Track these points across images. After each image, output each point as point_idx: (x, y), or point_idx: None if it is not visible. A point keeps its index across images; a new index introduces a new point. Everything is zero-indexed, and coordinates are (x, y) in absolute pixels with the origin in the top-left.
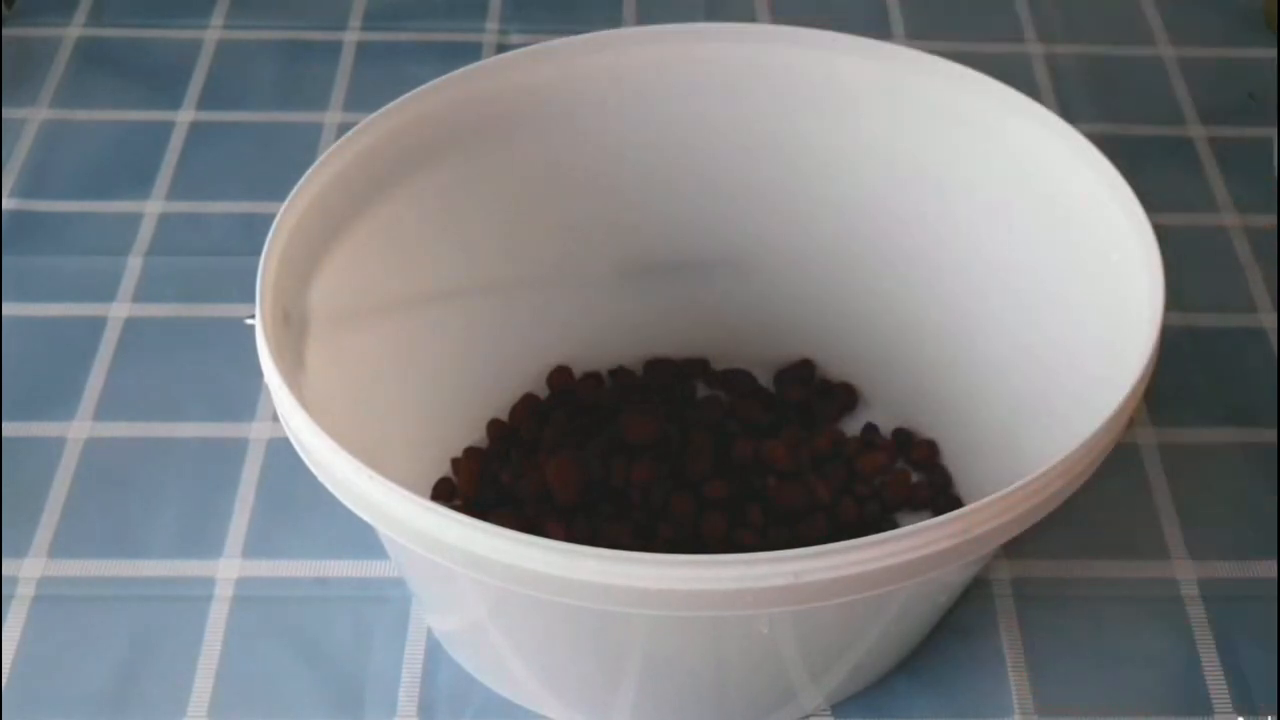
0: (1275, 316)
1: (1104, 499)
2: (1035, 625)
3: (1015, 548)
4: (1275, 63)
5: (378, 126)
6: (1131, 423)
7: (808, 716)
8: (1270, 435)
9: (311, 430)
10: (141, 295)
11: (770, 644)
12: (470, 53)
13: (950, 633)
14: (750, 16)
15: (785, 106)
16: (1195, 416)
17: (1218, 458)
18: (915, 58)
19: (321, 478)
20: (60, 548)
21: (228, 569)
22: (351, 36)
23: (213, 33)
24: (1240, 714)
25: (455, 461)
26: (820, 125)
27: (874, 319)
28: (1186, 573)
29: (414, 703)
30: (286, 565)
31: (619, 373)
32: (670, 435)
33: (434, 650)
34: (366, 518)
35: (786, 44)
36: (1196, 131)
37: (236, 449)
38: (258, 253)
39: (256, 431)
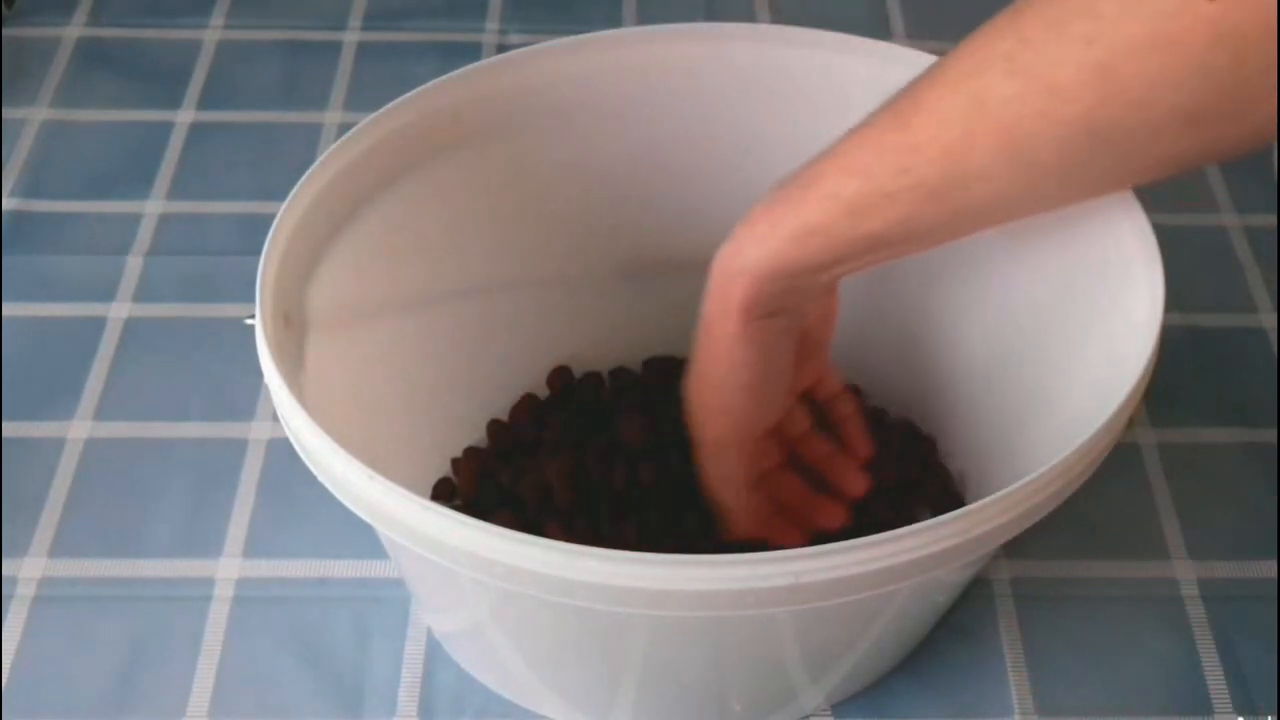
0: (1275, 316)
1: (1104, 499)
2: (1035, 625)
3: (1015, 548)
4: None
5: (378, 126)
6: (1131, 423)
7: (808, 716)
8: (1270, 435)
9: (311, 430)
10: (141, 295)
11: (771, 644)
12: (470, 53)
13: (950, 633)
14: (750, 16)
15: (784, 106)
16: (1195, 416)
17: (1218, 458)
18: (915, 58)
19: (321, 478)
20: (60, 548)
21: (228, 569)
22: (351, 36)
23: (213, 33)
24: (1240, 714)
25: (455, 461)
26: (820, 125)
27: (873, 318)
28: (1186, 573)
29: (414, 703)
30: (286, 565)
31: (619, 373)
32: (670, 435)
33: (434, 650)
34: (366, 518)
35: (785, 44)
36: None
37: (236, 449)
38: (258, 253)
39: (256, 431)
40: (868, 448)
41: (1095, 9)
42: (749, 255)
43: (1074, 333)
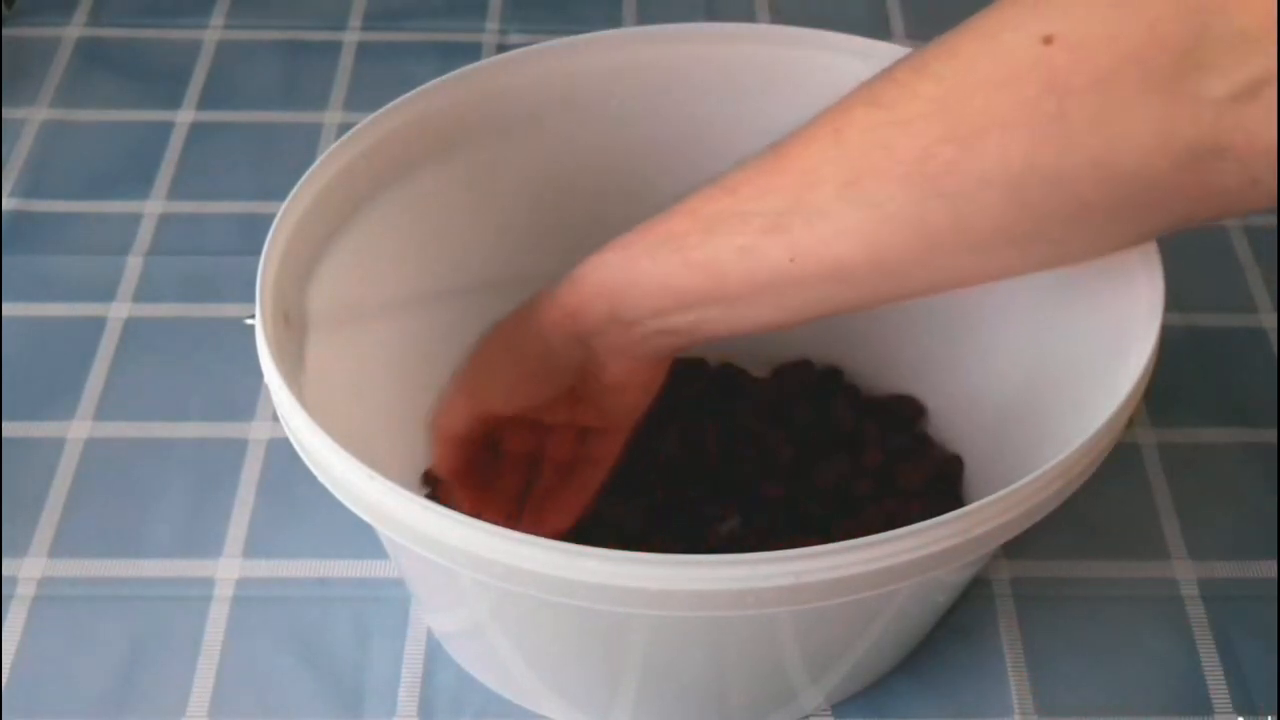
0: (1275, 316)
1: (1104, 499)
2: (1035, 625)
3: (1015, 548)
4: None
5: (378, 126)
6: (1131, 423)
7: (808, 716)
8: (1270, 435)
9: (311, 430)
10: (141, 295)
11: (771, 644)
12: (470, 53)
13: (950, 633)
14: (750, 16)
15: (784, 106)
16: (1195, 416)
17: (1218, 458)
18: None
19: (321, 478)
20: (60, 548)
21: (228, 569)
22: (351, 36)
23: (213, 33)
24: (1240, 714)
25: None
26: None
27: (872, 318)
28: (1186, 573)
29: (414, 703)
30: (286, 565)
31: None
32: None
33: (434, 650)
34: (366, 518)
35: (785, 44)
36: None
37: (236, 449)
38: (258, 253)
39: (256, 431)
40: (564, 521)
41: (955, 49)
42: (605, 259)
43: (1074, 332)
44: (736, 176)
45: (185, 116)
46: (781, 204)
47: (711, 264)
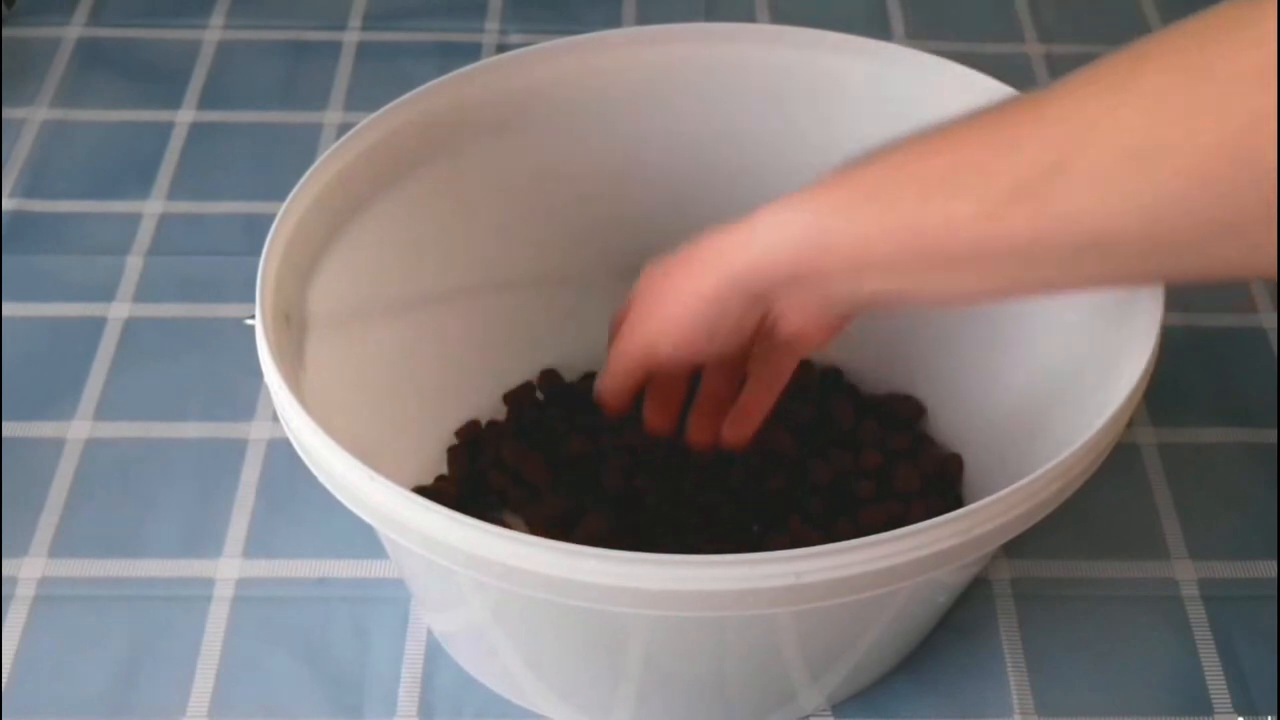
0: (1275, 316)
1: (1104, 499)
2: (1035, 625)
3: (1015, 548)
4: None
5: (378, 126)
6: (1131, 423)
7: (808, 716)
8: (1270, 435)
9: (311, 430)
10: (141, 295)
11: (771, 644)
12: (470, 53)
13: (950, 633)
14: (750, 16)
15: (784, 106)
16: (1195, 416)
17: (1218, 458)
18: (915, 58)
19: (321, 478)
20: (60, 548)
21: (228, 569)
22: (351, 36)
23: (213, 33)
24: (1240, 714)
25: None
26: (819, 124)
27: (871, 319)
28: (1186, 573)
29: (414, 703)
30: (286, 565)
31: None
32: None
33: (434, 650)
34: (366, 518)
35: (785, 44)
36: None
37: (236, 449)
38: (258, 253)
39: (256, 431)
40: (748, 429)
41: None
42: (789, 217)
43: (1074, 333)
44: (960, 131)
45: (185, 116)
46: (1038, 165)
47: (931, 230)
